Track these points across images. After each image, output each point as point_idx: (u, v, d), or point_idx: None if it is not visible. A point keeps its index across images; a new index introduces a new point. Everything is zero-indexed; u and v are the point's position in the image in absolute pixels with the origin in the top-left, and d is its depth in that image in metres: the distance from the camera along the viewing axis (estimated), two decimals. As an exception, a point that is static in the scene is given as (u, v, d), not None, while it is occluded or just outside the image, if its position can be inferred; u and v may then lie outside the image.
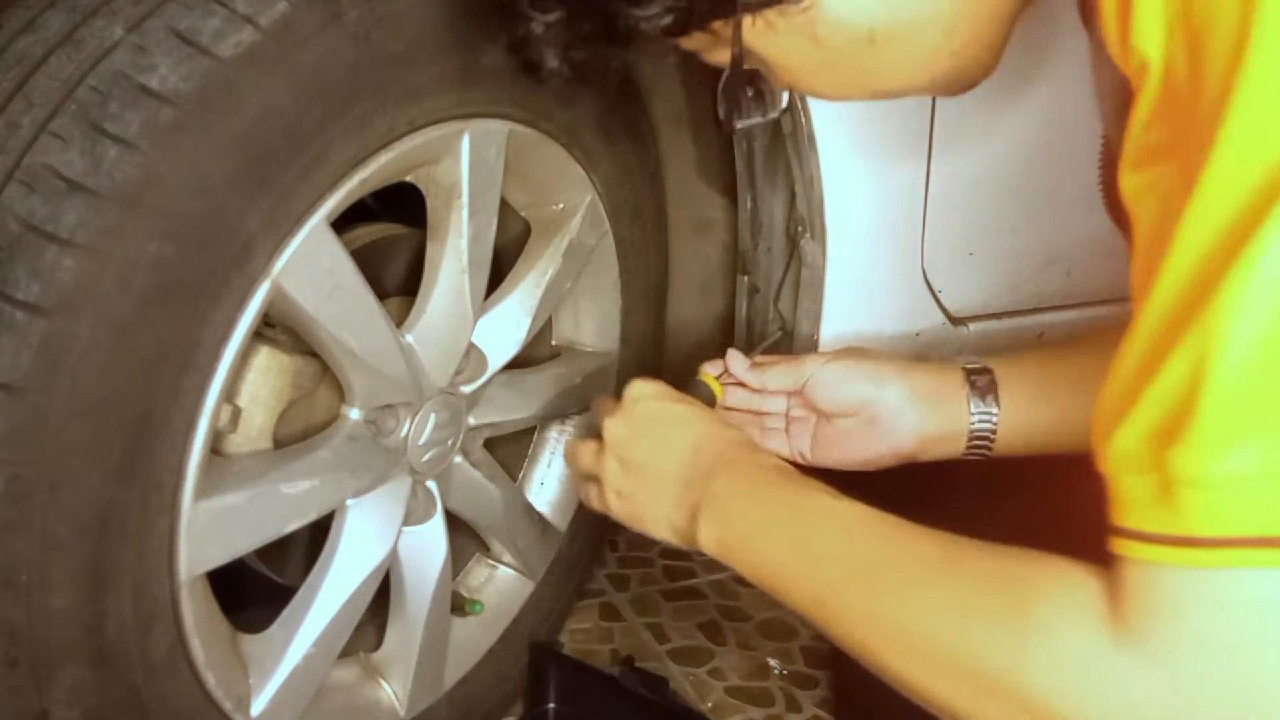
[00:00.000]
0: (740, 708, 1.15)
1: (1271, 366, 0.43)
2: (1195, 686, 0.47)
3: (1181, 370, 0.44)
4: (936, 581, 0.58)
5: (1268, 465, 0.43)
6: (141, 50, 0.61)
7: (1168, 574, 0.46)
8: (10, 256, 0.58)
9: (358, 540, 0.85)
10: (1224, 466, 0.44)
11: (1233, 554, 0.44)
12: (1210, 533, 0.44)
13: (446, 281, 0.86)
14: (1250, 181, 0.43)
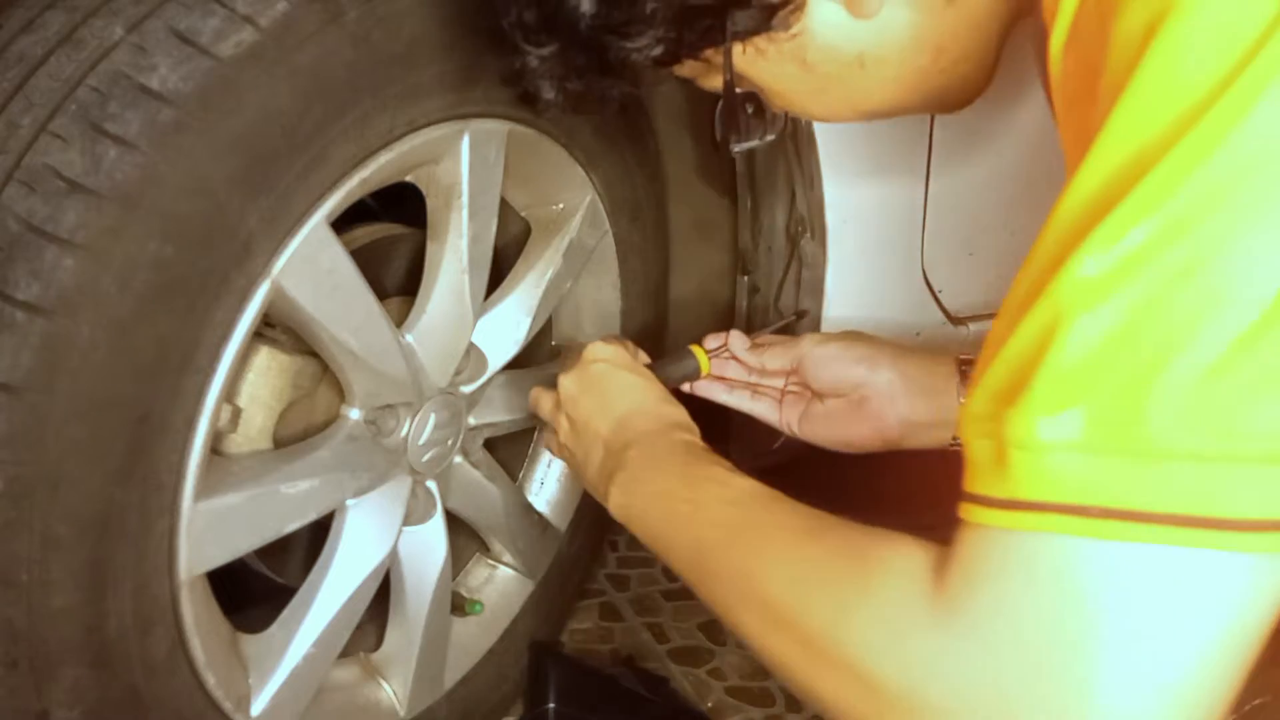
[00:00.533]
0: (740, 708, 1.15)
1: (1108, 340, 0.43)
2: (994, 650, 0.47)
3: (1030, 335, 0.45)
4: (792, 548, 0.60)
5: (1089, 435, 0.43)
6: (141, 50, 0.61)
7: (991, 537, 0.47)
8: (10, 256, 0.58)
9: (358, 540, 0.85)
10: (1050, 431, 0.44)
11: (1046, 519, 0.44)
12: (1029, 496, 0.44)
13: (446, 281, 0.86)
14: (1118, 160, 0.43)
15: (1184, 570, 0.43)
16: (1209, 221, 0.41)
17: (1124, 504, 0.43)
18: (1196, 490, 0.42)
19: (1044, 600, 0.45)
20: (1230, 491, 0.42)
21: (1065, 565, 0.45)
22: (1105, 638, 0.44)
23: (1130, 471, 0.43)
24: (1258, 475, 0.42)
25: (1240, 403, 0.41)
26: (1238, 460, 0.42)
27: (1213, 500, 0.42)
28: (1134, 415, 0.42)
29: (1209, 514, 0.42)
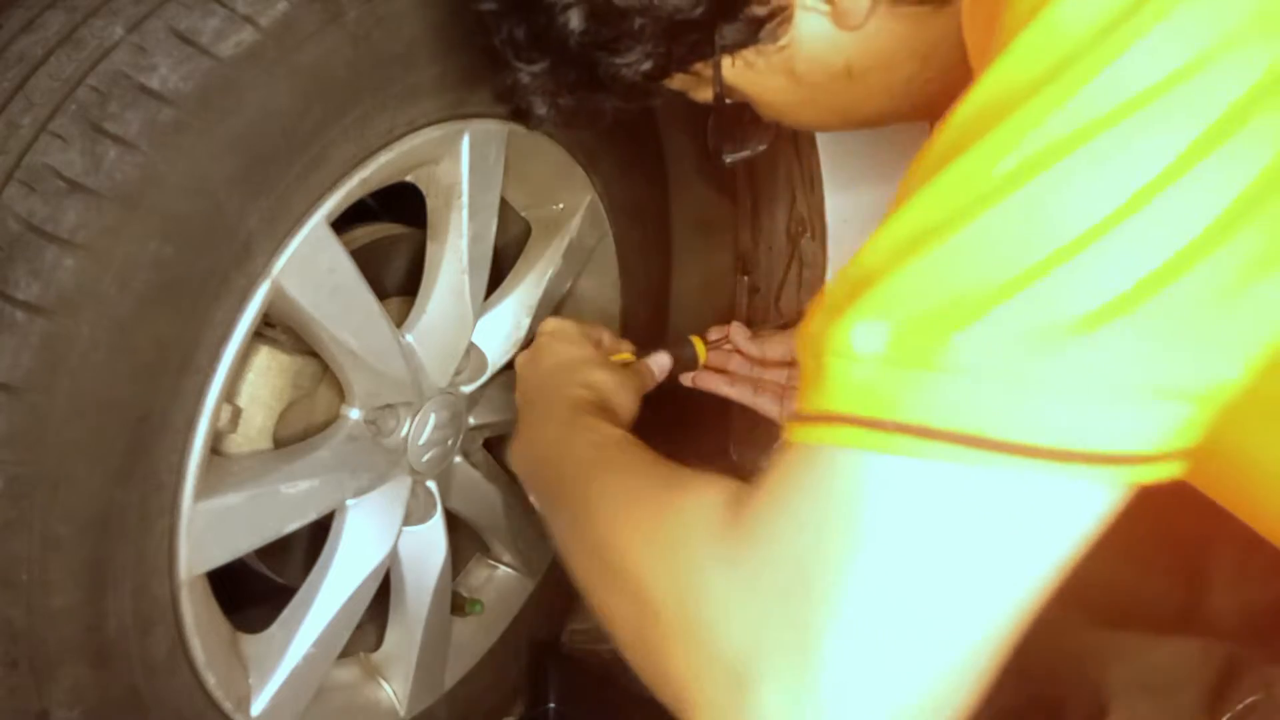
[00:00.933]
0: (740, 708, 1.14)
1: (930, 264, 0.44)
2: (757, 569, 0.46)
3: (869, 256, 0.46)
4: (624, 482, 0.60)
5: (893, 348, 0.43)
6: (141, 50, 0.61)
7: (792, 454, 0.46)
8: (10, 256, 0.58)
9: (358, 540, 0.85)
10: (860, 343, 0.44)
11: (840, 431, 0.44)
12: (833, 408, 0.44)
13: (446, 281, 0.86)
14: (986, 100, 0.44)
15: (965, 490, 0.42)
16: (1051, 169, 0.42)
17: (915, 419, 0.42)
18: (985, 410, 0.42)
19: (816, 516, 0.44)
20: (1019, 415, 0.42)
21: (847, 479, 0.44)
22: (868, 558, 0.43)
23: (925, 387, 0.42)
24: (1047, 402, 0.42)
25: (1043, 340, 0.41)
26: (1030, 385, 0.41)
27: (1001, 422, 0.42)
28: (937, 334, 0.42)
29: (994, 435, 0.42)
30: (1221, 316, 0.42)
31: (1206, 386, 0.42)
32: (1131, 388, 0.42)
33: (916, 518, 0.43)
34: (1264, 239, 0.41)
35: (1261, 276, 0.42)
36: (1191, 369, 0.42)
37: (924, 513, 0.43)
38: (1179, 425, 0.43)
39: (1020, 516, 0.43)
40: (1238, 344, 0.43)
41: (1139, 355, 0.42)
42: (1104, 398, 0.42)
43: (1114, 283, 0.41)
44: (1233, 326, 0.42)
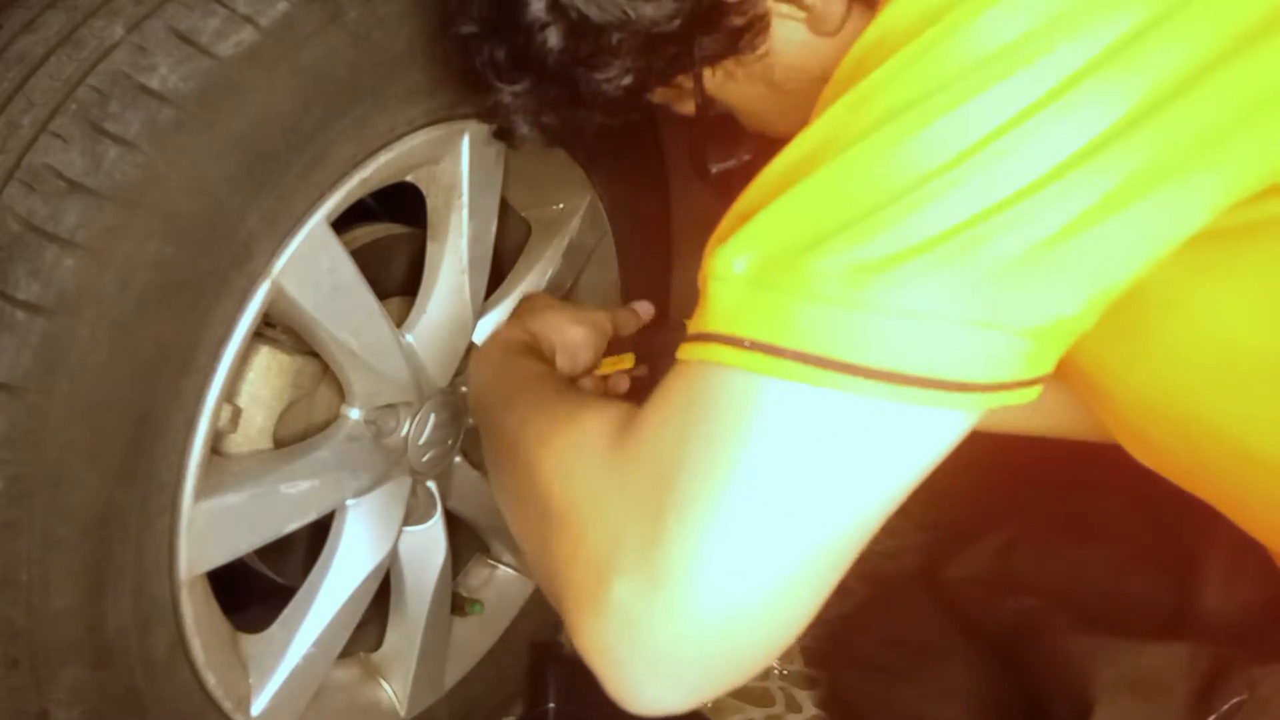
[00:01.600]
0: (740, 708, 1.14)
1: (800, 195, 0.47)
2: (629, 477, 0.50)
3: (749, 192, 0.49)
4: (540, 412, 0.64)
5: (753, 272, 0.46)
6: (142, 50, 0.61)
7: (672, 373, 0.50)
8: (10, 256, 0.58)
9: (358, 540, 0.85)
10: (737, 265, 0.47)
11: (709, 348, 0.47)
12: (707, 328, 0.48)
13: (447, 281, 0.86)
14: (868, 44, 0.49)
15: (812, 408, 0.45)
16: (904, 115, 0.45)
17: (767, 338, 0.45)
18: (830, 333, 0.45)
19: (681, 423, 0.48)
20: (864, 339, 0.44)
21: (709, 391, 0.47)
22: (721, 465, 0.46)
23: (777, 309, 0.45)
24: (890, 329, 0.44)
25: (887, 270, 0.44)
26: (875, 313, 0.44)
27: (845, 345, 0.44)
28: (794, 260, 0.45)
29: (839, 357, 0.44)
30: (1054, 259, 0.44)
31: (1043, 323, 0.45)
32: (968, 320, 0.44)
33: (768, 431, 0.46)
34: (1096, 191, 0.44)
35: (1094, 224, 0.44)
36: (1026, 306, 0.44)
37: (774, 427, 0.46)
38: (1019, 357, 0.45)
39: (864, 438, 0.46)
40: (1072, 285, 0.45)
41: (974, 290, 0.44)
42: (943, 328, 0.44)
43: (951, 220, 0.44)
44: (1066, 268, 0.44)
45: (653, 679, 0.48)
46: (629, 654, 0.48)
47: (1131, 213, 0.44)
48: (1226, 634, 0.84)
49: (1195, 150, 0.44)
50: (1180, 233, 0.46)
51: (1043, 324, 0.45)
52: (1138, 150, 0.44)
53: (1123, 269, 0.45)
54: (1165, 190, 0.44)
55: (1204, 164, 0.45)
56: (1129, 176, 0.44)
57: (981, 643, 0.96)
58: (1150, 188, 0.44)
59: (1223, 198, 0.46)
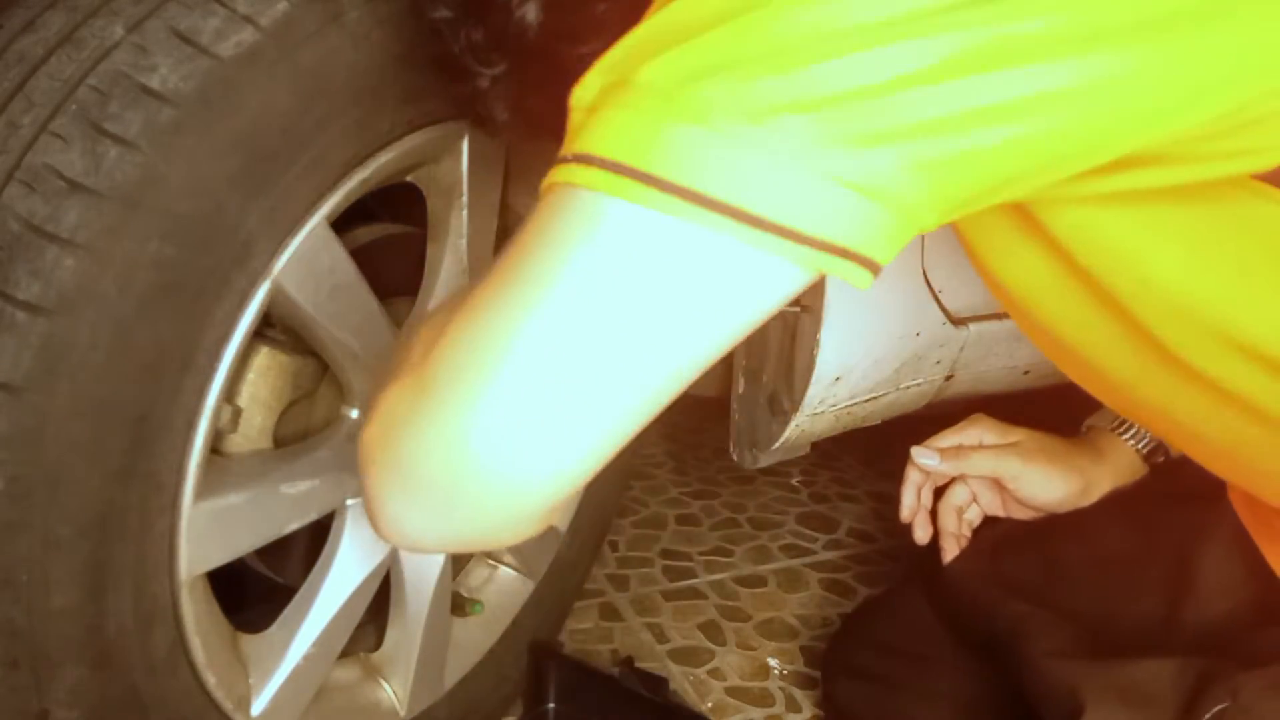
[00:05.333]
0: (740, 708, 1.15)
1: (650, 22, 0.46)
2: (465, 291, 0.49)
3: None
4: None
5: (598, 94, 0.46)
6: (142, 50, 0.61)
7: None
8: (10, 256, 0.58)
9: (358, 540, 0.85)
10: (583, 93, 0.46)
11: (557, 170, 0.46)
12: (559, 152, 0.47)
13: (447, 281, 0.86)
14: None
15: (637, 229, 0.43)
16: None
17: (599, 151, 0.44)
18: (654, 149, 0.42)
19: (532, 241, 0.45)
20: (690, 158, 0.42)
21: (543, 212, 0.45)
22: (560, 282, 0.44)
23: (606, 122, 0.44)
24: (719, 149, 0.42)
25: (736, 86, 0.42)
26: (704, 129, 0.42)
27: (676, 162, 0.42)
28: (629, 69, 0.44)
29: (659, 173, 0.42)
30: (880, 110, 0.43)
31: (868, 179, 0.43)
32: (796, 157, 0.42)
33: (564, 242, 0.44)
34: (935, 52, 0.43)
35: (921, 83, 0.43)
36: (854, 157, 0.42)
37: (574, 238, 0.44)
38: (848, 216, 0.43)
39: (655, 267, 0.43)
40: (899, 145, 0.43)
41: (806, 128, 0.42)
42: (776, 163, 0.42)
43: (788, 47, 0.42)
44: (891, 124, 0.43)
45: (397, 492, 0.46)
46: (381, 461, 0.46)
47: (960, 84, 0.43)
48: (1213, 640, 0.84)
49: (1038, 45, 0.44)
50: (1012, 130, 0.45)
51: (861, 177, 0.43)
52: (981, 23, 0.43)
53: (947, 144, 0.44)
54: (998, 73, 0.43)
55: (1042, 62, 0.44)
56: (966, 47, 0.43)
57: (975, 650, 0.97)
58: (983, 65, 0.43)
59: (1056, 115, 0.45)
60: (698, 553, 1.44)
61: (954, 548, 1.02)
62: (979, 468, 1.00)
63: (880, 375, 1.09)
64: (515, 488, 0.45)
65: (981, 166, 0.46)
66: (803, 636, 1.27)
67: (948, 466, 1.00)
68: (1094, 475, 0.99)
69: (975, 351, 1.14)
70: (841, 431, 1.17)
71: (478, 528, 0.46)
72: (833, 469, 1.69)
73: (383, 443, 0.47)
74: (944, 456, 1.01)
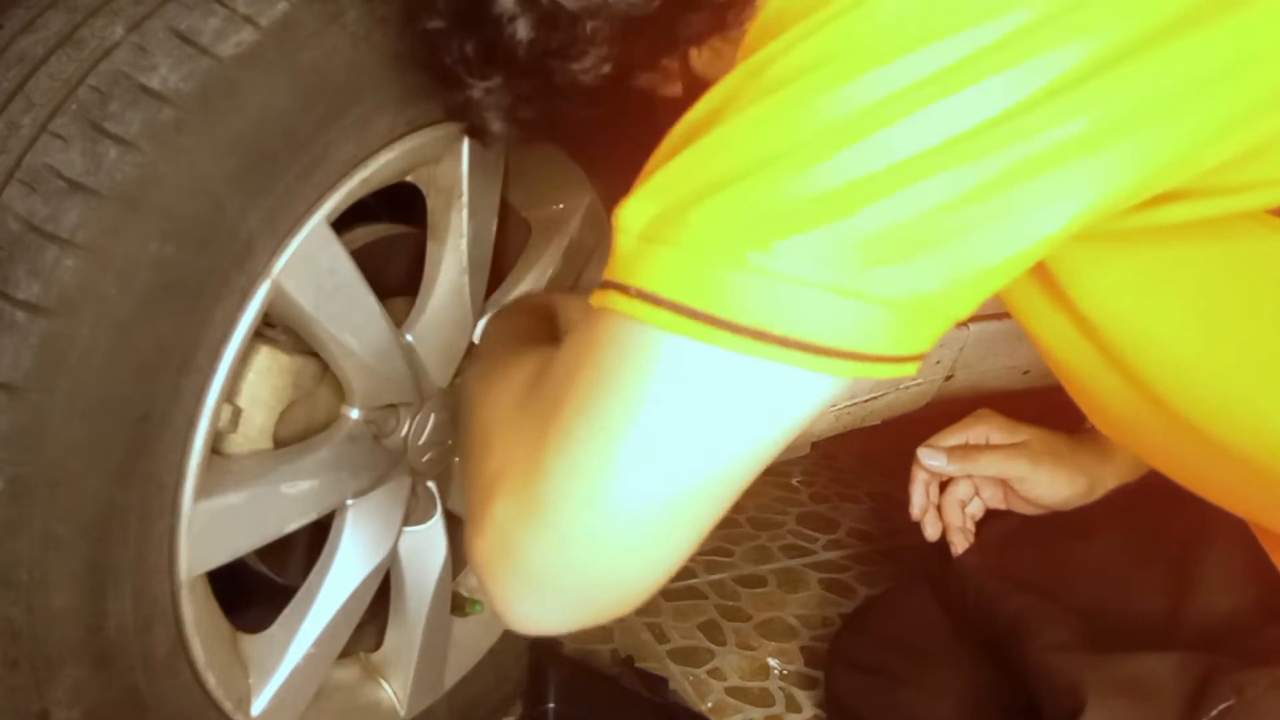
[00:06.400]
0: (740, 708, 1.15)
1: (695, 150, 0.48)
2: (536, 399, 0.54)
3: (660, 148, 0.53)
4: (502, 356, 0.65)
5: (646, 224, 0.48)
6: (142, 50, 0.61)
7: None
8: (11, 256, 0.58)
9: (358, 540, 0.85)
10: (628, 219, 0.49)
11: (607, 296, 0.49)
12: (605, 277, 0.50)
13: (447, 281, 0.86)
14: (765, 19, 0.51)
15: (687, 360, 0.47)
16: (797, 83, 0.46)
17: (649, 287, 0.47)
18: (706, 286, 0.46)
19: (576, 362, 0.51)
20: (735, 296, 0.46)
21: (599, 334, 0.50)
22: (600, 400, 0.49)
23: (656, 259, 0.47)
24: (760, 286, 0.45)
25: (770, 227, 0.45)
26: (748, 269, 0.45)
27: (720, 300, 0.46)
28: (679, 213, 0.47)
29: (712, 311, 0.46)
30: (913, 233, 0.45)
31: (901, 295, 0.46)
32: (828, 285, 0.45)
33: (642, 374, 0.48)
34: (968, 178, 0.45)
35: (957, 209, 0.45)
36: (885, 277, 0.45)
37: (648, 372, 0.48)
38: (880, 328, 0.46)
39: (729, 391, 0.47)
40: (932, 262, 0.46)
41: (837, 256, 0.45)
42: (806, 291, 0.45)
43: (820, 186, 0.45)
44: (925, 244, 0.46)
45: (525, 596, 0.52)
46: (505, 570, 0.52)
47: (996, 203, 0.45)
48: (1217, 637, 0.84)
49: (1068, 149, 0.45)
50: (1050, 229, 0.47)
51: (901, 297, 0.46)
52: (1011, 142, 0.45)
53: (987, 255, 0.46)
54: (1033, 185, 0.45)
55: (1074, 163, 0.46)
56: (1000, 168, 0.45)
57: (978, 644, 0.97)
58: (1018, 180, 0.45)
59: (1097, 201, 0.47)
60: (698, 553, 1.43)
61: (963, 542, 1.02)
62: (986, 469, 1.00)
63: (880, 375, 1.09)
64: (632, 580, 0.52)
65: (1018, 265, 0.48)
66: (803, 636, 1.27)
67: (955, 467, 1.00)
68: (1099, 474, 0.99)
69: (975, 351, 1.14)
70: (841, 431, 1.17)
71: (606, 610, 0.54)
72: (833, 469, 1.69)
73: (504, 558, 0.52)
74: (951, 456, 1.01)
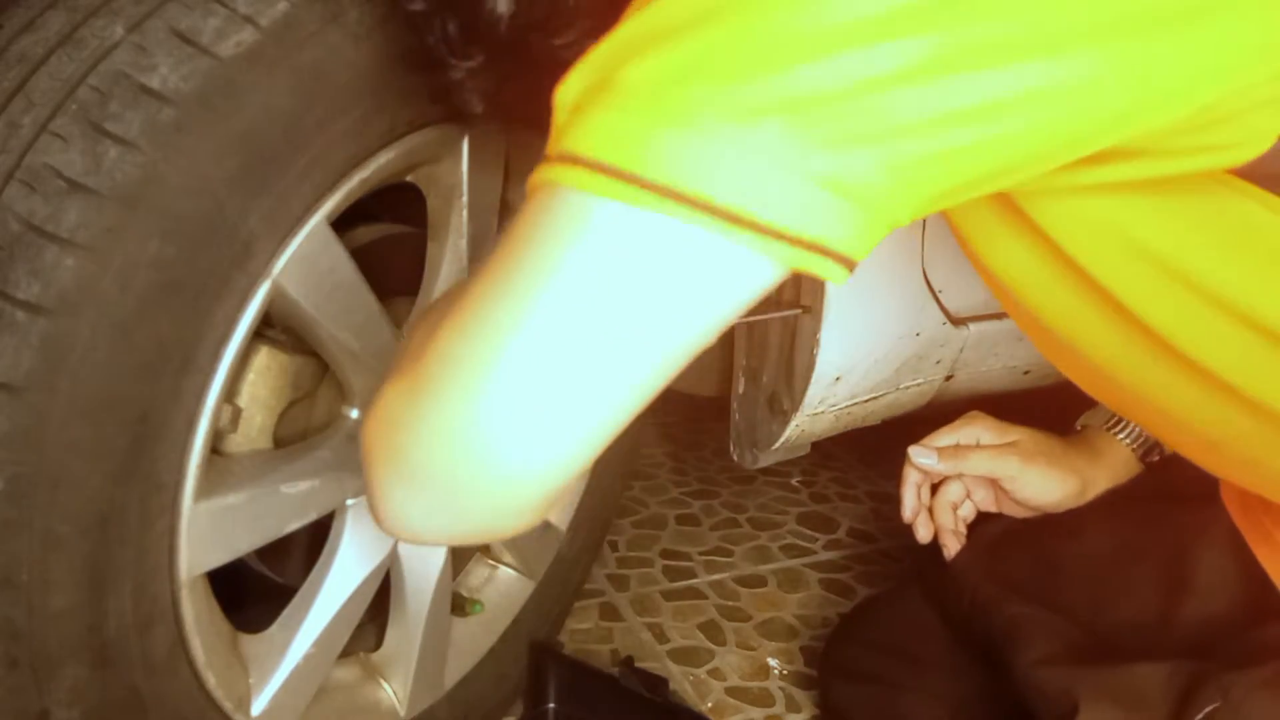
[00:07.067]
0: (740, 708, 1.15)
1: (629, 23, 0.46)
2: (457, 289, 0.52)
3: None
4: None
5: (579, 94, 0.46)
6: (142, 50, 0.61)
7: None
8: (11, 256, 0.58)
9: (358, 540, 0.85)
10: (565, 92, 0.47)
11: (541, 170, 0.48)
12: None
13: (447, 281, 0.86)
14: None
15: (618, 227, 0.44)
16: None
17: (576, 148, 0.45)
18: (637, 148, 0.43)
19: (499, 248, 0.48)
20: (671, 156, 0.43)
21: (527, 212, 0.48)
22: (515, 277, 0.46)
23: (585, 122, 0.45)
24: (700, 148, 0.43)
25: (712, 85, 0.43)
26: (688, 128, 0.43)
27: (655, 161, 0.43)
28: (611, 68, 0.45)
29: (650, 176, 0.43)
30: (858, 110, 0.43)
31: (846, 176, 0.44)
32: (774, 155, 0.43)
33: (555, 244, 0.46)
34: (915, 51, 0.43)
35: (901, 84, 0.44)
36: (832, 155, 0.43)
37: (568, 238, 0.45)
38: (825, 212, 0.44)
39: (675, 265, 0.44)
40: (876, 145, 0.44)
41: (783, 126, 0.43)
42: (753, 160, 0.43)
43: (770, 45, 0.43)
44: (870, 123, 0.44)
45: (397, 485, 0.47)
46: (382, 454, 0.48)
47: (938, 85, 0.44)
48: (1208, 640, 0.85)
49: (1014, 45, 0.44)
50: (988, 131, 0.46)
51: (838, 176, 0.44)
52: (960, 22, 0.44)
53: (924, 144, 0.45)
54: (976, 74, 0.44)
55: (1018, 63, 0.45)
56: (946, 47, 0.44)
57: (971, 650, 0.97)
58: (961, 65, 0.44)
59: (1033, 113, 0.46)
60: (698, 553, 1.44)
61: (955, 544, 1.02)
62: (977, 468, 1.00)
63: (880, 375, 1.09)
64: (512, 477, 0.46)
65: (955, 166, 0.47)
66: (803, 636, 1.27)
67: (946, 466, 1.00)
68: (1091, 475, 0.99)
69: (975, 352, 1.14)
70: (841, 431, 1.17)
71: (478, 518, 0.47)
72: (833, 469, 1.69)
73: (382, 436, 0.48)
74: (942, 456, 1.01)
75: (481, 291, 0.47)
